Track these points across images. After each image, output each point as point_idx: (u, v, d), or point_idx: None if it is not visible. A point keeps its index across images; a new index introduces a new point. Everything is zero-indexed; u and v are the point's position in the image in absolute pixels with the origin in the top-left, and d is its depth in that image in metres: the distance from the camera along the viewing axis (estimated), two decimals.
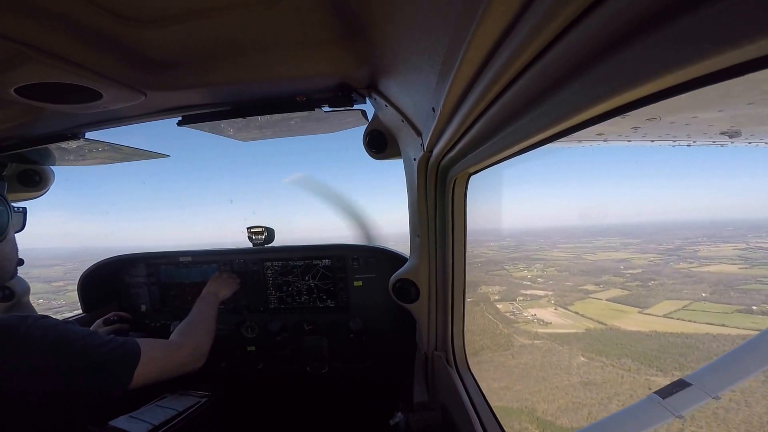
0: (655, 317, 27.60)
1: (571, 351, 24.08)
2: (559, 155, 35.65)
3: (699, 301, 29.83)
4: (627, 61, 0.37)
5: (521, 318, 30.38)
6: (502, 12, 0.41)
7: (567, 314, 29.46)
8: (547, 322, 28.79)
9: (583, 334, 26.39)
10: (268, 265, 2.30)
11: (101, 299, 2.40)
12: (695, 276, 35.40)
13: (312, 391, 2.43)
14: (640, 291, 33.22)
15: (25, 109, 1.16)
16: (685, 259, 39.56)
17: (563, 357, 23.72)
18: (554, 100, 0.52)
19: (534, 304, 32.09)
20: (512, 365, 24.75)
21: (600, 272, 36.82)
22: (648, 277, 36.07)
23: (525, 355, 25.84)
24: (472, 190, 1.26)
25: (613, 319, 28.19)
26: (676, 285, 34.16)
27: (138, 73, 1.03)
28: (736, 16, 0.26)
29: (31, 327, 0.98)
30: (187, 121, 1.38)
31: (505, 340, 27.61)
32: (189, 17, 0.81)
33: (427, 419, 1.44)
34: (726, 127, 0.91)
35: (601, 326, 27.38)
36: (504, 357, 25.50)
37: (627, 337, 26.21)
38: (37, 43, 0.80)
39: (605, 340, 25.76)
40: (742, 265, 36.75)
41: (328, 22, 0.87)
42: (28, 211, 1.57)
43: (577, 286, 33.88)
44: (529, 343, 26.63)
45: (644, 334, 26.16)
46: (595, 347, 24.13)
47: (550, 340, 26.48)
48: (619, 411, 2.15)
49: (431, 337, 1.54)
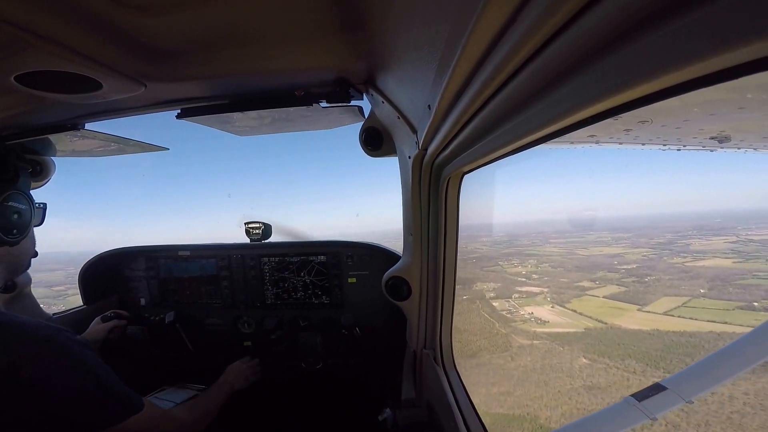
0: (656, 315, 26.85)
1: (572, 352, 23.28)
2: (552, 156, 35.30)
3: (698, 298, 29.03)
4: (621, 63, 0.38)
5: (518, 316, 29.52)
6: (502, 7, 0.41)
7: (565, 312, 28.77)
8: (545, 320, 28.10)
9: (583, 334, 25.63)
10: (265, 260, 2.31)
11: (101, 292, 2.42)
12: (691, 271, 34.74)
13: (306, 387, 2.44)
14: (637, 287, 32.48)
15: (25, 97, 1.17)
16: (678, 254, 38.82)
17: (564, 359, 22.92)
18: (548, 100, 0.53)
19: (530, 302, 31.35)
20: (512, 368, 23.81)
21: (594, 268, 36.17)
22: (643, 272, 35.34)
23: (524, 357, 24.97)
24: (467, 187, 1.26)
25: (613, 317, 27.49)
26: (673, 281, 33.42)
27: (138, 62, 1.03)
28: (729, 19, 0.26)
29: (84, 352, 1.09)
30: (186, 114, 1.39)
31: (503, 340, 26.68)
32: (190, 5, 0.82)
33: (413, 416, 1.46)
34: (716, 131, 0.92)
35: (601, 325, 26.67)
36: (503, 359, 24.61)
37: (629, 336, 25.33)
38: (38, 30, 0.81)
39: (607, 340, 24.96)
40: (736, 259, 35.96)
41: (328, 13, 0.87)
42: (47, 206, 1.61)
43: (572, 283, 33.13)
44: (528, 344, 25.83)
45: (646, 333, 25.28)
46: (597, 348, 23.25)
47: (549, 340, 25.78)
48: (595, 412, 2.19)
49: (420, 335, 1.55)
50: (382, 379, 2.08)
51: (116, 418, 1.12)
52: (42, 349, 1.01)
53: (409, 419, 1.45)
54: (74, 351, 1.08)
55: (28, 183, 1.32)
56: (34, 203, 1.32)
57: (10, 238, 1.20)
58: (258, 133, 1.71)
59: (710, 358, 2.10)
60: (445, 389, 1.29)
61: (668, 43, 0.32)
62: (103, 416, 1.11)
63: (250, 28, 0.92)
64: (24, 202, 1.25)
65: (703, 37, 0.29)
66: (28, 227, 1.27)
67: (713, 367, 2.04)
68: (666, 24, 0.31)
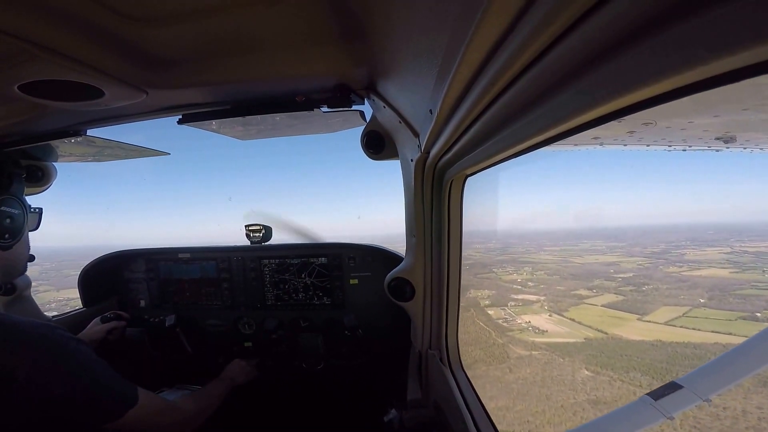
0: (657, 325, 26.39)
1: (573, 363, 22.28)
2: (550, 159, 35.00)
3: (699, 308, 28.60)
4: (623, 66, 0.38)
5: (515, 326, 28.82)
6: (501, 14, 0.41)
7: (563, 321, 28.22)
8: (543, 330, 27.46)
9: (584, 344, 24.86)
10: (266, 262, 2.31)
11: (101, 294, 2.43)
12: (688, 280, 34.49)
13: (307, 387, 2.45)
14: (635, 296, 32.04)
15: (28, 105, 1.18)
16: (673, 263, 38.71)
17: (565, 371, 21.87)
18: (551, 103, 0.53)
19: (527, 310, 30.81)
20: (510, 381, 22.62)
21: (590, 276, 35.66)
22: (640, 281, 34.97)
23: (523, 369, 23.99)
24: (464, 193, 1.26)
25: (613, 326, 26.84)
26: (671, 290, 32.99)
27: (140, 71, 1.04)
28: (732, 23, 0.26)
29: (79, 347, 1.10)
30: (188, 120, 1.40)
31: (500, 351, 25.66)
32: (191, 16, 0.82)
33: (420, 416, 1.45)
34: (721, 132, 0.91)
35: (602, 335, 25.92)
36: (500, 371, 23.42)
37: (631, 347, 24.52)
38: (42, 41, 0.81)
39: (609, 351, 24.02)
40: (732, 269, 35.81)
41: (328, 22, 0.88)
42: (43, 210, 1.61)
43: (569, 291, 32.64)
44: (526, 355, 24.94)
45: (649, 343, 24.57)
46: (599, 359, 22.33)
47: (548, 350, 24.97)
48: (611, 412, 2.16)
49: (425, 335, 1.55)
50: (386, 380, 2.08)
51: (114, 415, 1.13)
52: (37, 348, 1.02)
53: (415, 420, 1.45)
54: (69, 348, 1.08)
55: (21, 188, 1.33)
56: (29, 208, 1.33)
57: (3, 242, 1.21)
58: (259, 137, 1.71)
59: (726, 356, 2.08)
60: (453, 389, 1.29)
61: (668, 47, 0.32)
62: (100, 413, 1.12)
63: (250, 37, 0.93)
64: (17, 207, 1.26)
65: (703, 41, 0.29)
66: (21, 232, 1.28)
67: (730, 365, 2.01)
68: (666, 29, 0.31)
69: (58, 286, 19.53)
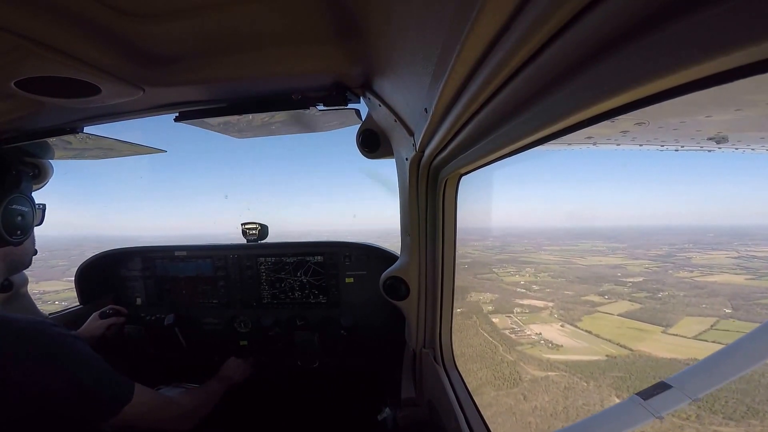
0: (685, 339, 22.98)
1: (600, 390, 18.39)
2: (547, 158, 34.79)
3: (726, 319, 25.26)
4: (616, 66, 0.38)
5: (525, 338, 25.14)
6: (497, 13, 0.41)
7: (578, 333, 24.88)
8: (558, 344, 24.10)
9: (607, 363, 21.03)
10: (262, 261, 2.32)
11: (98, 291, 2.43)
12: (705, 287, 32.13)
13: (303, 386, 2.45)
14: (653, 305, 29.06)
15: (25, 102, 1.18)
16: (682, 267, 37.12)
17: (592, 398, 17.99)
18: (545, 103, 0.53)
19: (535, 318, 27.86)
20: (526, 411, 18.46)
21: (598, 280, 33.63)
22: (654, 287, 32.72)
23: (540, 395, 19.68)
24: (459, 191, 1.27)
25: (636, 340, 23.27)
26: (690, 297, 30.23)
27: (136, 68, 1.04)
28: (725, 23, 0.27)
29: (75, 344, 1.11)
30: (184, 118, 1.40)
31: (510, 371, 21.45)
32: (188, 13, 0.82)
33: (413, 415, 1.46)
34: (713, 132, 0.92)
35: (626, 351, 22.13)
36: (513, 398, 19.31)
37: (664, 367, 20.46)
38: (37, 37, 0.81)
39: (638, 373, 19.93)
40: (747, 276, 33.77)
41: (324, 20, 0.88)
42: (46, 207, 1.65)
43: (579, 296, 30.12)
44: (542, 376, 20.69)
45: (683, 362, 20.36)
46: (629, 382, 18.58)
47: (567, 371, 21.03)
48: (600, 411, 2.16)
49: (420, 334, 1.56)
50: (381, 379, 2.09)
51: (110, 412, 1.13)
52: (32, 345, 1.02)
53: (409, 418, 1.46)
54: (65, 345, 1.08)
55: (30, 186, 1.38)
56: (36, 205, 1.39)
57: (15, 238, 1.27)
58: (256, 135, 1.71)
59: (716, 356, 2.09)
60: (446, 388, 1.30)
61: (661, 48, 0.32)
62: (96, 410, 1.12)
63: (247, 34, 0.93)
64: (27, 205, 1.32)
65: (697, 42, 0.29)
66: (31, 228, 1.35)
67: (719, 365, 2.03)
68: (658, 29, 0.32)
69: (39, 277, 18.62)
